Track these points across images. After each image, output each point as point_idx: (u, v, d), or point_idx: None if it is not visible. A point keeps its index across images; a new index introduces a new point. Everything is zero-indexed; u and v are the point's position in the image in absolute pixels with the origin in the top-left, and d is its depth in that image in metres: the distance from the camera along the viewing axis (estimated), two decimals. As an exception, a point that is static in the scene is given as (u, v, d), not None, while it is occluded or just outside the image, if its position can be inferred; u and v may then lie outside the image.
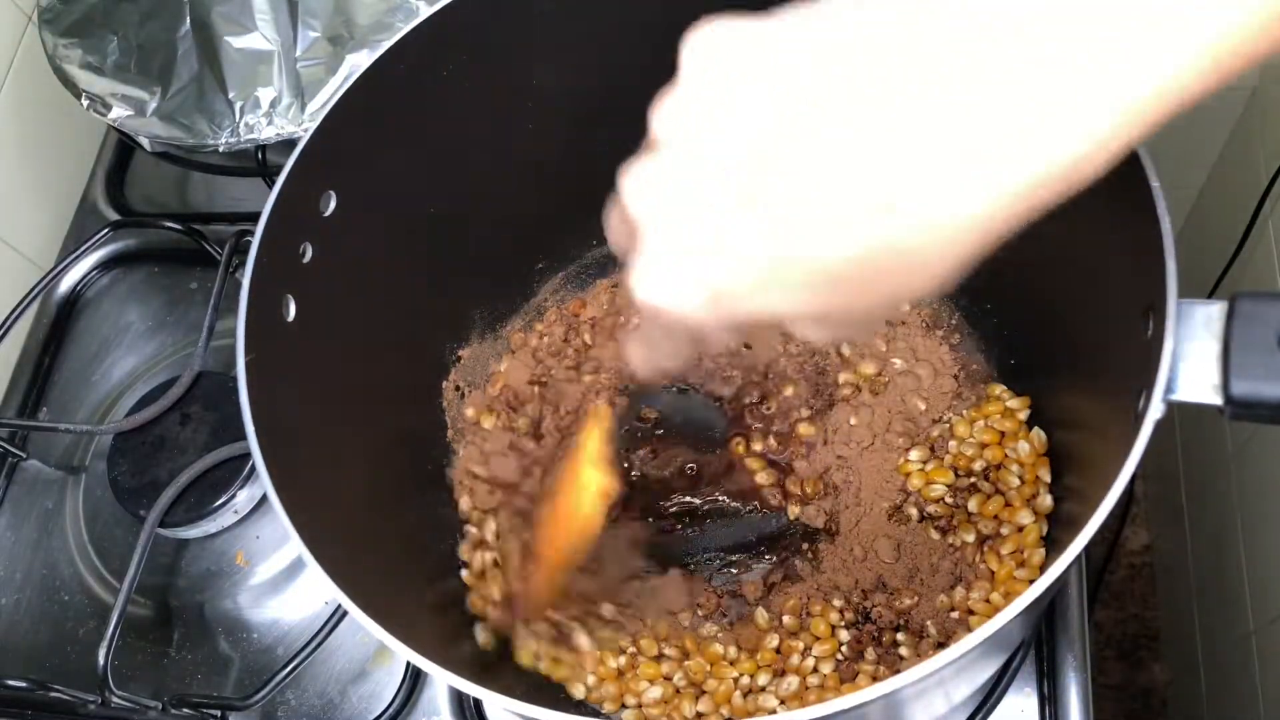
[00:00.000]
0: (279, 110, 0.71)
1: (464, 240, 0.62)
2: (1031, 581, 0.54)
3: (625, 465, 0.63)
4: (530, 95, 0.59)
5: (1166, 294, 0.38)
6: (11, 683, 0.65)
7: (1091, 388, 0.49)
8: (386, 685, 0.63)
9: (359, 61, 0.67)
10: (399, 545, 0.58)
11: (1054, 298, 0.55)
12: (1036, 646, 0.59)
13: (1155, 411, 0.38)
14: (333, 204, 0.52)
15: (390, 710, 0.62)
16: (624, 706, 0.57)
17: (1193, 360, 0.38)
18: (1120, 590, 1.31)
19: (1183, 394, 0.38)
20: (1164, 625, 1.28)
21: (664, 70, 0.33)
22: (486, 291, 0.67)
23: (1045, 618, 0.59)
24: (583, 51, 0.58)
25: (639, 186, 0.33)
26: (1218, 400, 0.37)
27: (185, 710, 0.61)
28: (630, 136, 0.60)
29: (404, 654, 0.41)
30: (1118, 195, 0.43)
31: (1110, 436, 0.41)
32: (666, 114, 0.32)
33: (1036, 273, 0.56)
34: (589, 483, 0.50)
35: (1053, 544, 0.54)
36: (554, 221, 0.67)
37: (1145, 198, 0.41)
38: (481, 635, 0.58)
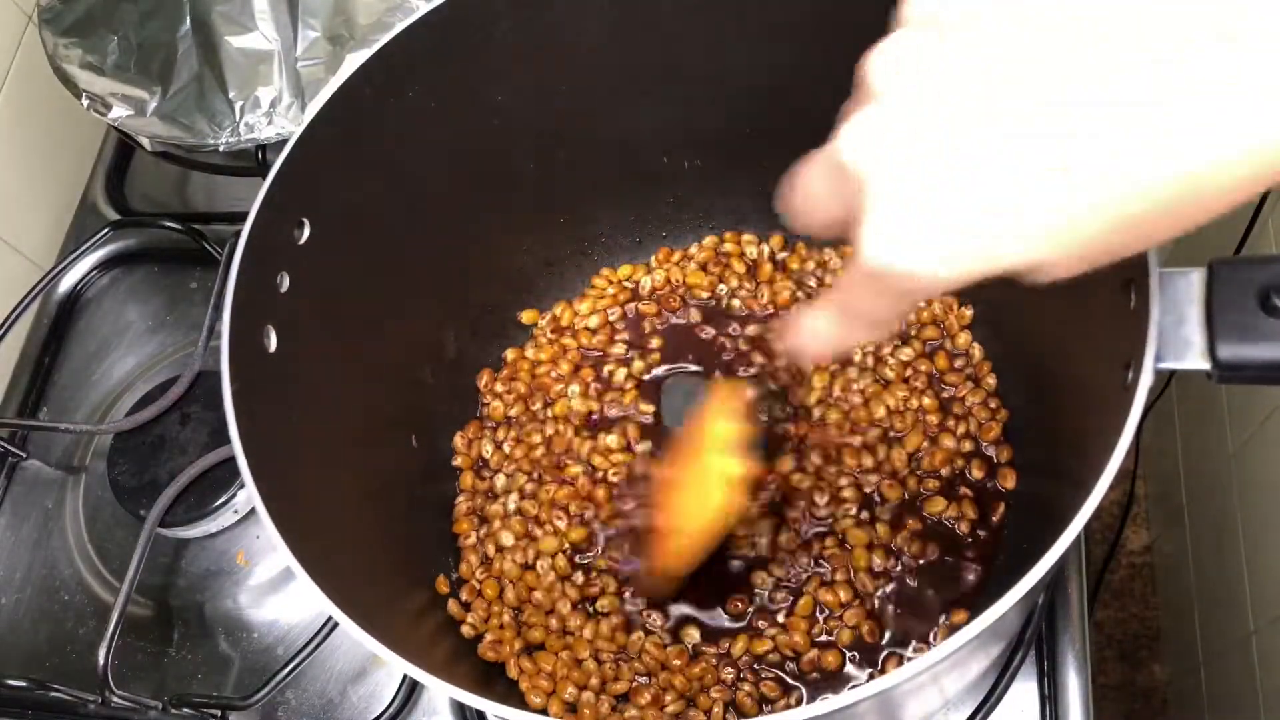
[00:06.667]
0: (279, 110, 0.71)
1: (439, 265, 0.63)
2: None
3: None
4: (495, 114, 0.59)
5: (1148, 264, 0.39)
6: (11, 683, 0.65)
7: (1080, 370, 0.50)
8: (386, 685, 0.63)
9: (359, 61, 0.68)
10: (392, 557, 0.59)
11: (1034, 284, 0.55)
12: (1037, 646, 0.59)
13: (1146, 380, 0.38)
14: (306, 232, 0.52)
15: (390, 710, 0.62)
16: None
17: (1177, 327, 0.39)
18: (1120, 590, 1.32)
19: (1170, 361, 0.39)
20: (1164, 625, 1.28)
21: (626, 92, 0.32)
22: (462, 314, 0.67)
23: (1045, 617, 0.59)
24: (544, 71, 0.58)
25: (862, 138, 0.30)
26: (1205, 365, 0.38)
27: (185, 710, 0.61)
28: (596, 156, 0.61)
29: (402, 667, 0.41)
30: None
31: (1104, 414, 0.41)
32: (882, 61, 0.30)
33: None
34: (716, 469, 0.49)
35: (1046, 535, 0.54)
36: (528, 248, 0.67)
37: None
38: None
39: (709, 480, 0.50)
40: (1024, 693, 0.58)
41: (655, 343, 0.67)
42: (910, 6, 0.30)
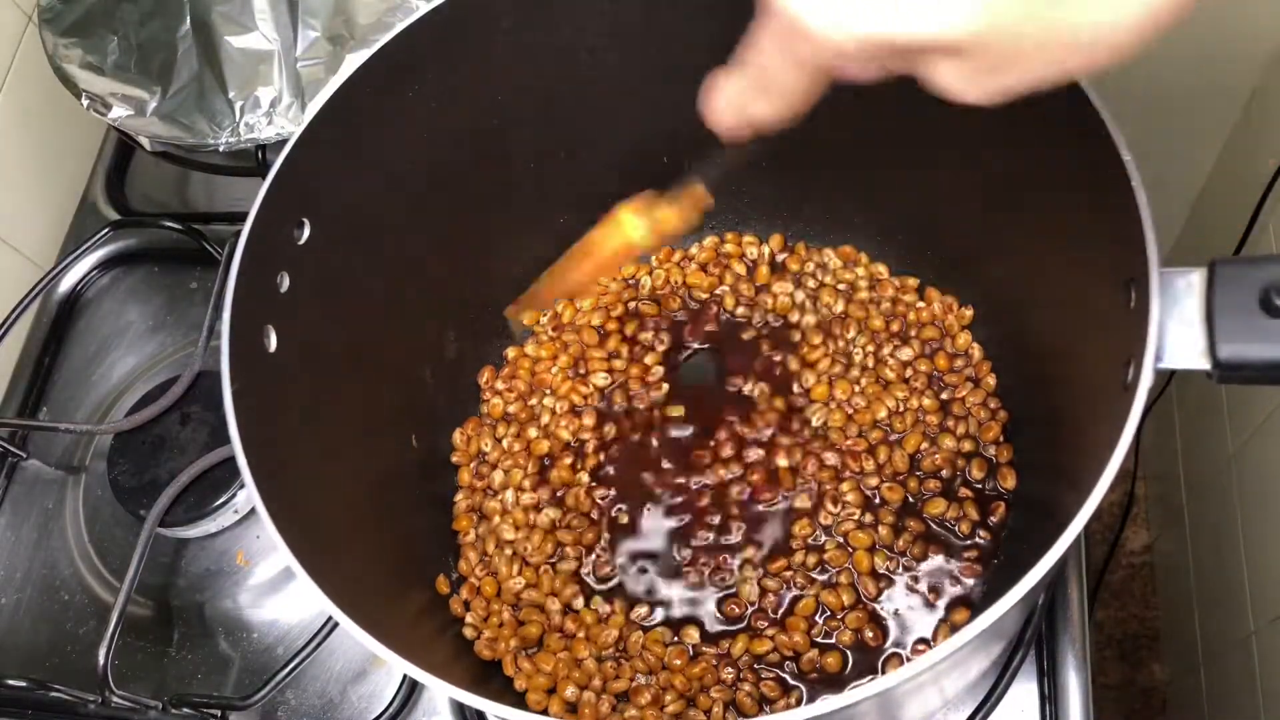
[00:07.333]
0: (279, 110, 0.71)
1: (439, 265, 0.63)
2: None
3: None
4: (495, 114, 0.59)
5: (1148, 264, 0.39)
6: (11, 683, 0.65)
7: (1080, 369, 0.50)
8: (386, 685, 0.63)
9: (359, 61, 0.68)
10: (392, 556, 0.59)
11: (1036, 283, 0.55)
12: (1037, 646, 0.59)
13: (1146, 379, 0.38)
14: (306, 232, 0.52)
15: (390, 710, 0.62)
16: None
17: (1178, 327, 0.39)
18: (1120, 590, 1.32)
19: (1170, 361, 0.39)
20: (1164, 625, 1.28)
21: (626, 92, 0.32)
22: (462, 314, 0.67)
23: (1045, 617, 0.59)
24: (544, 71, 0.58)
25: None
26: (1205, 365, 0.38)
27: (185, 710, 0.61)
28: (596, 156, 0.62)
29: (401, 667, 0.41)
30: (1092, 177, 0.44)
31: (1104, 414, 0.42)
32: None
33: (1017, 260, 0.57)
34: (623, 224, 0.54)
35: (1046, 535, 0.55)
36: (528, 248, 0.67)
37: (1119, 173, 0.42)
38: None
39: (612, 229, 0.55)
40: (1024, 693, 0.58)
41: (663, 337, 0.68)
42: None
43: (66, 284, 0.80)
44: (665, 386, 0.66)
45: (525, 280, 0.69)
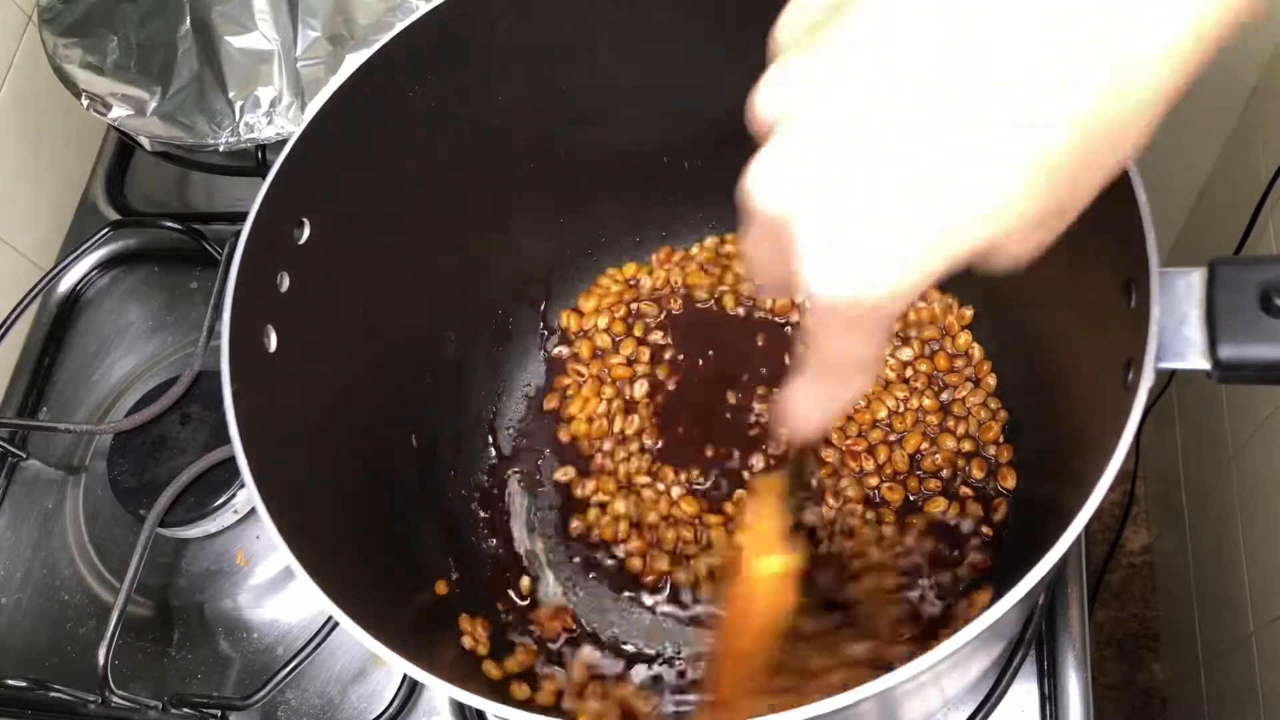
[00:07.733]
0: (279, 110, 0.71)
1: (439, 265, 0.63)
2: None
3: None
4: (495, 114, 0.59)
5: (1148, 264, 0.39)
6: (11, 683, 0.65)
7: (1080, 370, 0.50)
8: (386, 685, 0.63)
9: (359, 61, 0.68)
10: (392, 557, 0.59)
11: (1036, 283, 0.55)
12: (1037, 646, 0.59)
13: (1147, 379, 0.38)
14: (306, 232, 0.52)
15: (390, 710, 0.62)
16: None
17: (1178, 327, 0.39)
18: (1120, 590, 1.32)
19: (1170, 361, 0.39)
20: (1164, 625, 1.28)
21: (627, 92, 0.31)
22: (462, 314, 0.67)
23: (1045, 617, 0.59)
24: (544, 71, 0.58)
25: (770, 179, 0.29)
26: (1206, 365, 0.38)
27: (185, 710, 0.61)
28: (596, 156, 0.61)
29: (402, 667, 0.41)
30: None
31: (1104, 414, 0.42)
32: (770, 94, 0.29)
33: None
34: (766, 569, 0.46)
35: (1046, 535, 0.55)
36: (528, 249, 0.67)
37: (1119, 173, 0.41)
38: None
39: (759, 587, 0.47)
40: (1024, 693, 0.58)
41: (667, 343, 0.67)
42: (782, 30, 0.30)
43: (66, 284, 0.80)
44: (672, 385, 0.66)
45: (524, 280, 0.69)
